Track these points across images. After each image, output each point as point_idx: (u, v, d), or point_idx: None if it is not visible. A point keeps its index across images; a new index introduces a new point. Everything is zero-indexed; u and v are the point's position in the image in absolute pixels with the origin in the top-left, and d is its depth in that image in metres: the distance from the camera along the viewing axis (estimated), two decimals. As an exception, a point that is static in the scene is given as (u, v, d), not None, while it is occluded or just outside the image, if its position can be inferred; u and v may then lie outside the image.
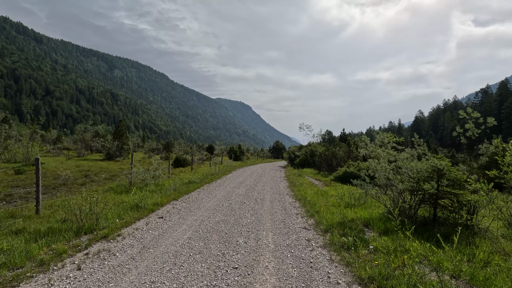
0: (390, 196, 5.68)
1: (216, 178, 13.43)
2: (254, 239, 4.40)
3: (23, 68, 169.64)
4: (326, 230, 5.12)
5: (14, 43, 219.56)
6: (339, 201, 7.87)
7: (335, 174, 13.88)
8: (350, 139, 20.14)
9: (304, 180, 13.67)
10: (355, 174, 12.93)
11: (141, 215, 5.74)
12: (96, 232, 4.46)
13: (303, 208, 7.04)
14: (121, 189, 8.52)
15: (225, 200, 7.57)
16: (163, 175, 10.63)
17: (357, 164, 13.71)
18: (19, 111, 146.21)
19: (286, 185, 11.61)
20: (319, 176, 15.95)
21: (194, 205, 6.90)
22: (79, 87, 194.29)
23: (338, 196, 8.71)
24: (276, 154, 58.09)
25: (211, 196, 8.35)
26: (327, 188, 10.58)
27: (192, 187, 9.84)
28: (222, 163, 24.67)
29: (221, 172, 16.71)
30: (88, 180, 11.78)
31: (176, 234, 4.57)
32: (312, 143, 21.92)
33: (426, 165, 5.08)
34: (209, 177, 13.60)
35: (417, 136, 6.37)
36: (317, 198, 8.19)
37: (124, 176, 9.06)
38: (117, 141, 25.10)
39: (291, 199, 8.25)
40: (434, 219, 5.65)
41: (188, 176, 12.82)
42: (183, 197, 8.14)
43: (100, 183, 10.78)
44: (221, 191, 9.22)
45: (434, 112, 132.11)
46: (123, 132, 25.38)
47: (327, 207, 7.10)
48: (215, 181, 12.36)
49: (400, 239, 4.40)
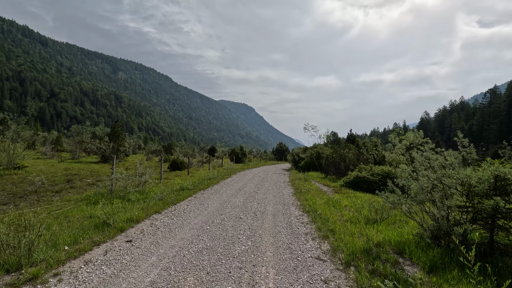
0: (431, 214, 4.29)
1: (213, 183, 12.10)
2: (248, 284, 3.03)
3: (28, 71, 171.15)
4: (347, 262, 3.75)
5: (20, 46, 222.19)
6: (356, 214, 6.47)
7: (345, 179, 12.45)
8: (359, 140, 18.75)
9: (310, 185, 12.27)
10: (368, 179, 11.52)
11: (104, 237, 4.42)
12: (25, 269, 3.14)
13: (313, 225, 5.66)
14: (97, 199, 7.24)
15: (217, 214, 6.21)
16: (150, 181, 9.33)
17: (369, 168, 12.26)
18: (24, 113, 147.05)
19: (291, 192, 10.22)
20: (327, 180, 14.53)
21: (177, 222, 5.56)
22: (83, 89, 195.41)
23: (353, 207, 7.31)
24: (279, 156, 56.72)
25: (202, 207, 7.01)
26: (338, 196, 9.18)
27: (183, 195, 8.53)
28: (222, 166, 23.37)
29: (220, 176, 15.39)
30: (68, 186, 10.53)
31: (137, 273, 3.22)
32: (318, 144, 20.48)
33: (486, 174, 3.70)
34: (205, 182, 12.27)
35: (461, 135, 4.95)
36: (329, 210, 6.80)
37: (102, 183, 7.79)
38: (112, 143, 23.97)
39: (297, 211, 6.87)
40: (492, 246, 4.24)
41: (182, 181, 11.51)
42: (168, 208, 6.81)
43: (80, 190, 9.52)
44: (215, 201, 7.88)
45: (440, 113, 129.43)
46: (119, 133, 24.24)
47: (342, 223, 5.71)
48: (211, 187, 11.03)
49: (461, 282, 3.02)
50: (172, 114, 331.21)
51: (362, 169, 12.60)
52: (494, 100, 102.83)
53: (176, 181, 12.28)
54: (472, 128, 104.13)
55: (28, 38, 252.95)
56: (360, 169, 12.65)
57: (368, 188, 11.43)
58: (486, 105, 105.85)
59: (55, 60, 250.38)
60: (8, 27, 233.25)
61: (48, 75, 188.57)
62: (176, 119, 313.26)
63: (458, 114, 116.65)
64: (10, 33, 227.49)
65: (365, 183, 11.57)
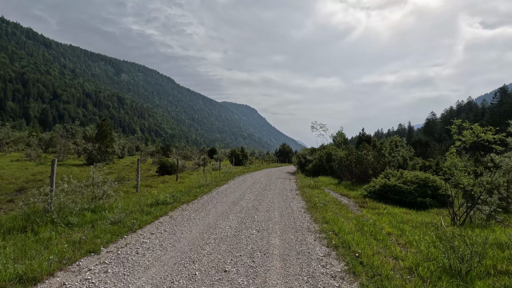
0: None
1: (202, 193, 9.64)
2: None
3: (31, 73, 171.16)
4: None
5: (24, 48, 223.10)
6: (418, 257, 3.96)
7: (368, 188, 9.92)
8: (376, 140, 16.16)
9: (325, 195, 9.78)
10: (400, 189, 8.98)
11: None
12: None
13: (353, 278, 3.21)
14: (19, 224, 4.84)
15: (189, 262, 3.71)
16: (113, 194, 6.90)
17: (399, 174, 9.70)
18: (26, 115, 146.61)
19: (303, 207, 7.73)
20: (342, 188, 12.00)
21: (112, 281, 3.12)
22: (86, 91, 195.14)
23: (404, 238, 4.79)
24: (283, 158, 54.18)
25: (171, 240, 4.56)
26: (369, 215, 6.66)
27: (154, 214, 6.10)
28: (220, 169, 20.94)
29: (215, 182, 12.95)
30: (11, 197, 8.16)
31: None
32: (329, 144, 17.93)
33: None
34: (193, 191, 9.82)
35: None
36: (369, 245, 4.31)
37: (33, 198, 5.42)
38: (99, 143, 21.69)
39: (319, 247, 4.38)
40: None
41: (162, 191, 9.08)
42: (116, 242, 4.36)
43: (19, 205, 7.15)
44: (195, 227, 5.41)
45: (447, 114, 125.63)
46: (107, 133, 21.95)
47: (405, 279, 3.23)
48: (198, 199, 8.57)
49: None
50: (175, 116, 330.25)
51: (389, 174, 10.06)
52: (506, 100, 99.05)
53: (157, 190, 9.85)
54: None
55: (32, 40, 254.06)
56: (386, 175, 10.11)
57: (400, 200, 8.90)
58: (497, 105, 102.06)
59: (59, 62, 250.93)
60: (12, 30, 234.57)
61: (51, 77, 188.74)
62: (179, 121, 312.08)
63: (467, 115, 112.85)
64: (14, 36, 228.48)
65: (396, 193, 9.03)
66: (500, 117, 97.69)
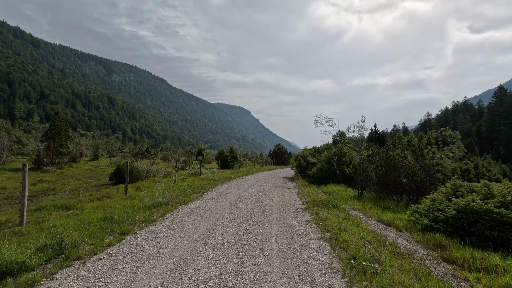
0: None
1: (139, 227, 5.41)
2: None
3: (18, 72, 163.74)
4: None
5: (11, 47, 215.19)
6: None
7: (433, 213, 5.82)
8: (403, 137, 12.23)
9: (356, 225, 5.67)
10: (501, 219, 4.89)
11: None
12: None
13: None
14: None
15: None
16: None
17: (486, 190, 5.64)
18: (11, 115, 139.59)
19: (337, 271, 3.59)
20: (371, 206, 7.88)
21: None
22: (75, 91, 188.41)
23: None
24: (277, 160, 49.87)
25: None
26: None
27: None
28: (201, 174, 16.66)
29: (181, 196, 8.70)
30: None
31: None
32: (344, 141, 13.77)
33: None
34: (129, 220, 5.56)
35: None
36: None
37: None
38: (51, 142, 17.23)
39: None
40: None
41: (92, 215, 4.79)
42: None
43: None
44: None
45: (443, 115, 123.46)
46: (60, 129, 17.48)
47: None
48: (114, 248, 4.35)
49: None
50: (167, 117, 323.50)
51: (462, 188, 5.96)
52: (505, 100, 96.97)
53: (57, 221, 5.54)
54: (480, 129, 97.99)
55: (20, 39, 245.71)
56: (456, 190, 6.01)
57: (504, 239, 4.79)
58: (497, 104, 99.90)
59: (47, 62, 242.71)
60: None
61: (38, 76, 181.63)
62: (171, 122, 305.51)
63: (464, 115, 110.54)
64: (0, 34, 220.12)
65: (493, 226, 4.92)
66: (500, 117, 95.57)
